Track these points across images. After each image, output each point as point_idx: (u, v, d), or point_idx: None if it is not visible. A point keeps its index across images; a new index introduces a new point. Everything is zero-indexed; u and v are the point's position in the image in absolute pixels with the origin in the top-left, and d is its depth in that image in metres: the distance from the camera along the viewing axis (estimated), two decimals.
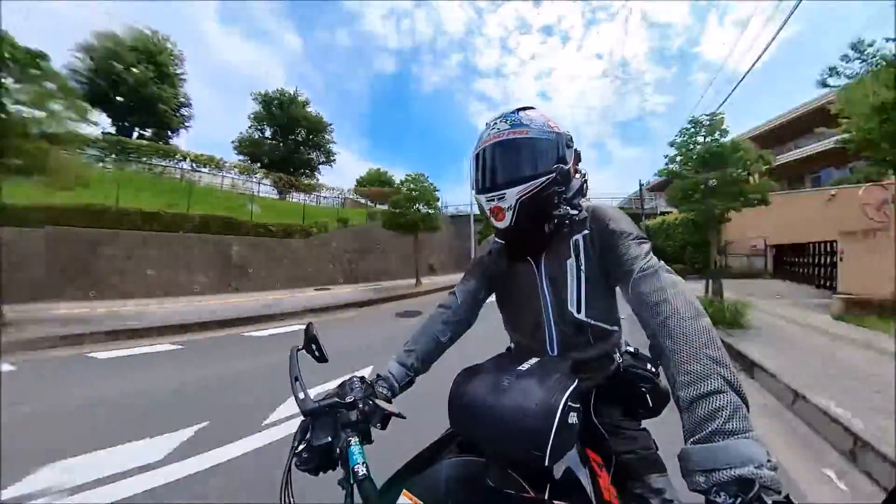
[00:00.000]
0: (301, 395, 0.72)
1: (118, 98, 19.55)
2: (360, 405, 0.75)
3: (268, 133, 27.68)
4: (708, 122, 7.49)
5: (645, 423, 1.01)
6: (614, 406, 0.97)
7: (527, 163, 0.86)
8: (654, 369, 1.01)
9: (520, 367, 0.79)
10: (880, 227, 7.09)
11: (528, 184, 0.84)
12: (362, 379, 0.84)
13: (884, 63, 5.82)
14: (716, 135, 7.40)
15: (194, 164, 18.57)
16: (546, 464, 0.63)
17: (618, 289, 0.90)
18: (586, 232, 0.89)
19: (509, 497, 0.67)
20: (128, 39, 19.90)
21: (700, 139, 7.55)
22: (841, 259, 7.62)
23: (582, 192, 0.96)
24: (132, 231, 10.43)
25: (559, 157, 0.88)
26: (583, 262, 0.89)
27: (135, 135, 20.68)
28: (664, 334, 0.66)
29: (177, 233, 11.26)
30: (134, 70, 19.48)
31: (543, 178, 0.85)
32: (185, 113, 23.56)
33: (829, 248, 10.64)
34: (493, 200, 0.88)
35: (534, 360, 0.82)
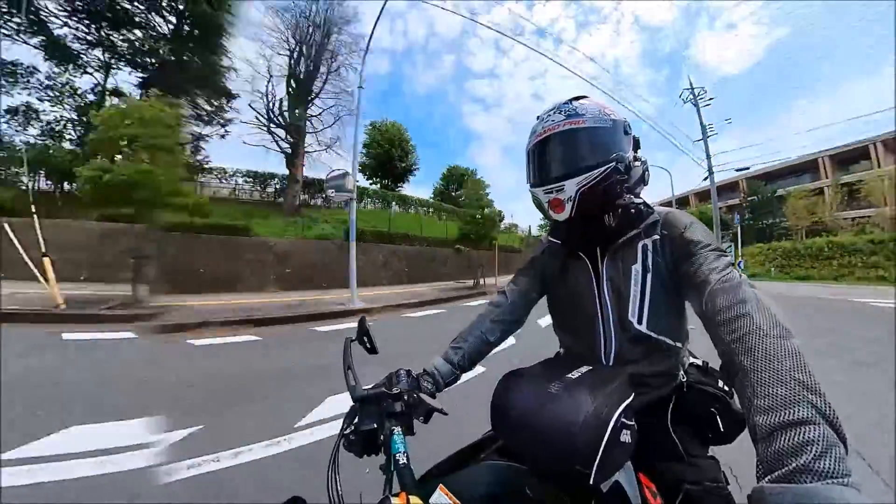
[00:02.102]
0: (352, 383, 0.76)
1: (394, 167, 33.72)
2: (406, 397, 0.77)
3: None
4: None
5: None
6: (677, 427, 0.87)
7: (585, 153, 0.82)
8: (725, 387, 0.92)
9: (569, 375, 0.73)
10: None
11: (588, 174, 0.80)
12: (409, 372, 0.86)
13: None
14: None
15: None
16: (591, 482, 0.58)
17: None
18: (657, 237, 0.83)
19: None
20: (394, 128, 33.41)
21: None
22: None
23: (643, 180, 0.92)
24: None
25: (618, 144, 0.84)
26: (650, 268, 0.82)
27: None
28: (741, 351, 0.54)
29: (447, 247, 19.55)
30: (409, 155, 34.11)
31: (603, 168, 0.80)
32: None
33: None
34: (551, 193, 0.85)
35: (585, 369, 0.76)
